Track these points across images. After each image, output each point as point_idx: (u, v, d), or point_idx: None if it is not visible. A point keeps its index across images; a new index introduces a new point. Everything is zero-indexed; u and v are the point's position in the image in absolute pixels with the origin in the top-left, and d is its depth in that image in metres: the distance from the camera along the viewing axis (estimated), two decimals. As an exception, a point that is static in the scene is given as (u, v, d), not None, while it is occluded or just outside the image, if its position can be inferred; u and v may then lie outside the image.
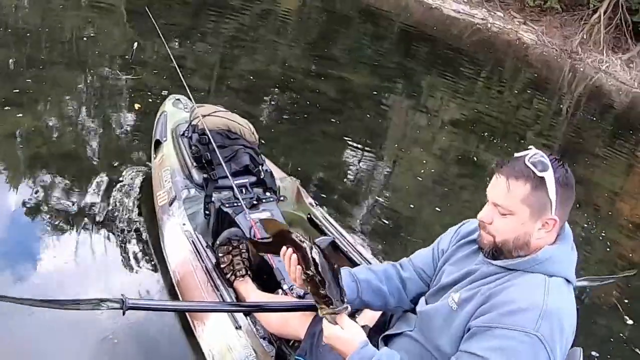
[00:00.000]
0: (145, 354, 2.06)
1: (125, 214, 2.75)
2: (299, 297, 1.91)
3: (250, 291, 1.98)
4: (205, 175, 2.47)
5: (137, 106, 3.89)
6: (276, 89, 5.30)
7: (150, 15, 2.88)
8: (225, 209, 2.30)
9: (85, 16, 5.69)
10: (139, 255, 2.51)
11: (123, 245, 2.55)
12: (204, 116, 2.54)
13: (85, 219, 2.65)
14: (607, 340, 2.94)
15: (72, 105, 3.82)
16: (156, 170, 2.67)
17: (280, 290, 1.99)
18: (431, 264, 1.44)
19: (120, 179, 3.02)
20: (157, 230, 2.46)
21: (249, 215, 2.20)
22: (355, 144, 4.58)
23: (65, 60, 4.54)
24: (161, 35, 2.77)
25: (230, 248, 2.07)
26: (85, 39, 5.13)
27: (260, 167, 2.53)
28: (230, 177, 2.33)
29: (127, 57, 4.64)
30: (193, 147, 2.56)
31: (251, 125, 2.67)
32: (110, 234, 2.60)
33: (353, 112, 5.28)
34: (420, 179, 4.33)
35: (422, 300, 1.38)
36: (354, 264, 2.13)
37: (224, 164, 2.35)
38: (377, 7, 11.15)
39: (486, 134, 5.89)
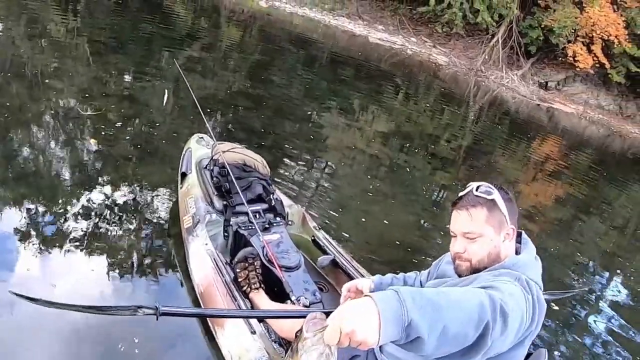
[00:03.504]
0: (171, 356, 2.33)
1: (156, 236, 3.11)
2: (306, 306, 2.23)
3: (264, 301, 2.29)
4: (224, 202, 2.83)
5: (92, 141, 4.01)
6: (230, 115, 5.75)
7: (178, 66, 3.26)
8: (241, 231, 2.64)
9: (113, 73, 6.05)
10: (168, 270, 2.84)
11: (153, 261, 2.88)
12: (223, 152, 2.93)
13: (121, 240, 3.00)
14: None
15: (113, 143, 4.14)
16: (182, 198, 3.04)
17: (289, 301, 2.29)
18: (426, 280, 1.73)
19: (151, 206, 3.39)
20: (183, 249, 2.80)
21: (262, 237, 2.52)
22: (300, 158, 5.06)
23: (106, 102, 4.86)
24: (187, 84, 3.15)
25: (247, 264, 2.40)
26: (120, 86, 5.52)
27: (271, 195, 2.88)
28: (246, 204, 2.65)
29: (161, 104, 4.97)
30: (214, 179, 2.93)
31: (264, 160, 3.06)
32: (142, 252, 2.94)
33: (293, 130, 5.80)
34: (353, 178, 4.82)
35: None
36: (350, 278, 2.46)
37: (240, 193, 2.69)
38: (307, 37, 12.28)
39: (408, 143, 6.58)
